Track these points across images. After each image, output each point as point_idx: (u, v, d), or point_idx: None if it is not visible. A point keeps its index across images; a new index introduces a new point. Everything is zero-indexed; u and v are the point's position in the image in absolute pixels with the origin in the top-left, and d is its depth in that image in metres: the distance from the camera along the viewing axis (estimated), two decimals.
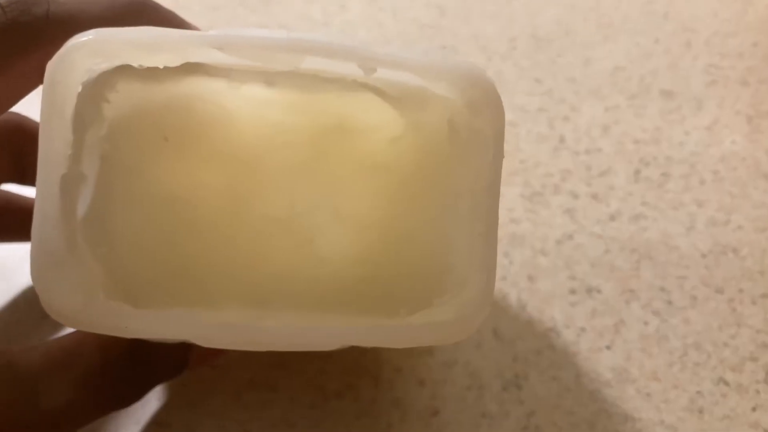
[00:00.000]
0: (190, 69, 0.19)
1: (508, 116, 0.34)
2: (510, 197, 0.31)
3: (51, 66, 0.17)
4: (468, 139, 0.20)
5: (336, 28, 0.40)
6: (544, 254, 0.29)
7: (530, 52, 0.39)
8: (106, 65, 0.18)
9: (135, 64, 0.18)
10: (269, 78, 0.20)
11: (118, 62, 0.18)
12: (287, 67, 0.19)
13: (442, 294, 0.19)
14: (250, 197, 0.21)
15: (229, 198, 0.21)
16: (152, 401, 0.25)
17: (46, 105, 0.17)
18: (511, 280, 0.28)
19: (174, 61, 0.19)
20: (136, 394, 0.22)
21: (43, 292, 0.17)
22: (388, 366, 0.26)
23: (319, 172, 0.21)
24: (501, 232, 0.29)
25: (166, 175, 0.21)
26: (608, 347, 0.26)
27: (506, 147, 0.33)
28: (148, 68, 0.19)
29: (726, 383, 0.26)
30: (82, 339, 0.20)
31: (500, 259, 0.29)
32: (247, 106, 0.21)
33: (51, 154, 0.17)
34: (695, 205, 0.31)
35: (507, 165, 0.32)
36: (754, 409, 0.25)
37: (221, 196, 0.21)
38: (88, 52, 0.18)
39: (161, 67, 0.19)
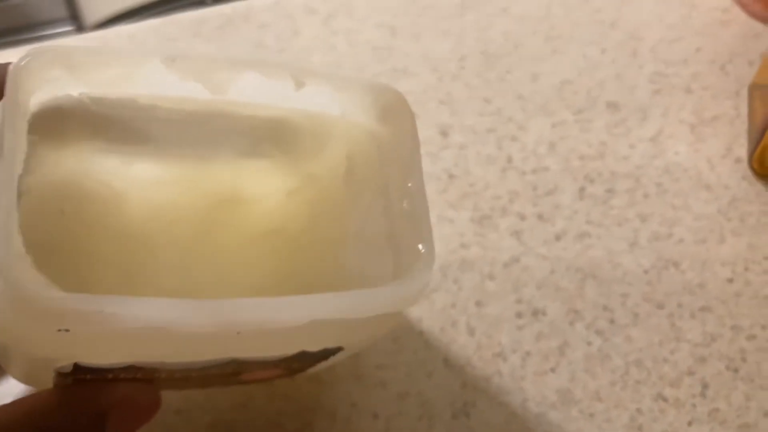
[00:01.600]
0: (91, 141, 0.20)
1: (459, 138, 0.36)
2: (460, 222, 0.32)
3: (12, 74, 0.18)
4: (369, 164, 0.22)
5: (291, 54, 0.41)
6: (492, 278, 0.31)
7: (480, 69, 0.40)
8: (62, 76, 0.19)
9: (76, 93, 0.20)
10: (160, 150, 0.21)
11: (74, 74, 0.19)
12: (219, 93, 0.21)
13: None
14: (145, 272, 0.22)
15: (125, 273, 0.22)
16: None
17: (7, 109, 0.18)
18: (461, 306, 0.30)
19: (122, 82, 0.20)
20: None
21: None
22: (345, 401, 0.27)
23: (210, 245, 0.22)
24: (451, 259, 0.31)
25: (65, 248, 0.21)
26: (553, 370, 0.28)
27: (457, 171, 0.34)
28: (59, 134, 0.20)
29: (664, 399, 0.27)
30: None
31: (449, 286, 0.30)
32: (135, 187, 0.22)
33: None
34: (639, 219, 0.33)
35: (457, 189, 0.34)
36: (690, 424, 0.26)
37: (116, 272, 0.22)
38: (46, 62, 0.19)
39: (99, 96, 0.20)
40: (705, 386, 0.27)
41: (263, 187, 0.23)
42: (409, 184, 0.21)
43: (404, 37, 0.42)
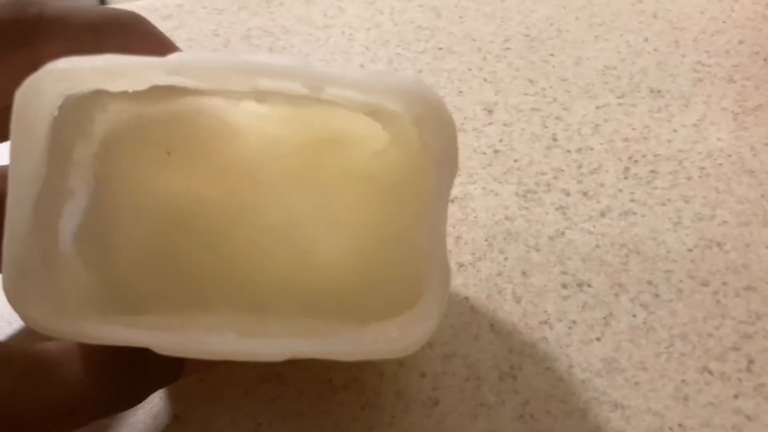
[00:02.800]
0: (184, 90, 0.20)
1: (504, 116, 0.36)
2: (505, 195, 0.33)
3: (19, 93, 0.18)
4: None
5: (336, 30, 0.41)
6: (537, 250, 0.31)
7: (523, 52, 0.40)
8: (76, 90, 0.19)
9: (108, 89, 0.19)
10: (259, 96, 0.21)
11: (86, 88, 0.19)
12: (244, 87, 0.20)
13: (414, 305, 0.20)
14: (249, 208, 0.22)
15: (228, 210, 0.22)
16: (169, 396, 0.26)
17: (16, 129, 0.18)
18: (507, 275, 0.30)
19: (138, 86, 0.19)
20: (132, 398, 0.22)
21: (13, 302, 0.18)
22: (392, 360, 0.27)
23: (313, 182, 0.22)
24: (496, 230, 0.31)
25: (167, 189, 0.22)
26: (598, 339, 0.28)
27: (501, 147, 0.35)
28: (139, 91, 0.20)
29: (710, 372, 0.27)
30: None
31: (495, 256, 0.30)
32: (246, 120, 0.22)
33: (21, 174, 0.18)
34: (682, 201, 0.33)
35: (502, 164, 0.34)
36: (736, 397, 0.26)
37: (221, 208, 0.22)
38: (55, 79, 0.18)
39: (131, 91, 0.19)
40: (751, 362, 0.27)
41: (357, 135, 0.22)
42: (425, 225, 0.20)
43: (448, 18, 0.42)
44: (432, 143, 0.19)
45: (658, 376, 0.27)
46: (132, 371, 0.21)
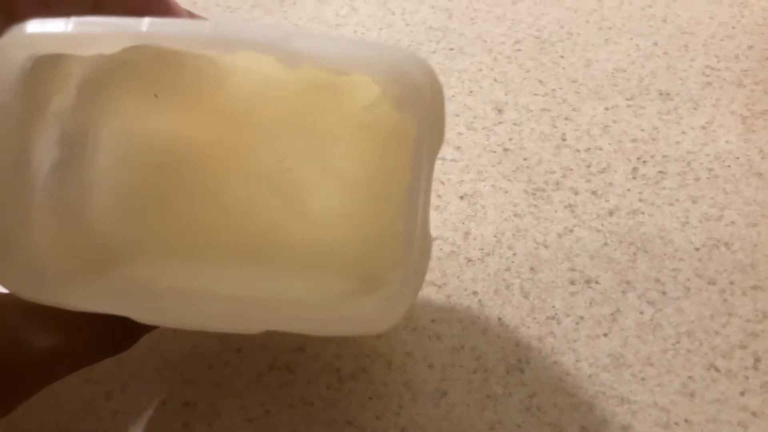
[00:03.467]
0: None
1: (514, 115, 0.36)
2: (514, 193, 0.33)
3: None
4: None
5: (348, 30, 0.42)
6: (546, 246, 0.31)
7: (534, 53, 0.40)
8: (46, 52, 0.18)
9: (78, 54, 0.18)
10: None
11: (56, 51, 0.18)
12: (222, 54, 0.19)
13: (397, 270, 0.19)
14: (240, 152, 0.21)
15: (219, 154, 0.21)
16: (178, 382, 0.26)
17: None
18: (515, 270, 0.30)
19: (111, 50, 0.18)
20: (125, 340, 0.22)
21: None
22: (400, 350, 0.27)
23: (307, 127, 0.21)
24: (505, 226, 0.31)
25: (153, 134, 0.21)
26: (606, 335, 0.28)
27: (511, 146, 0.35)
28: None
29: (716, 369, 0.27)
30: None
31: (504, 251, 0.31)
32: (237, 60, 0.21)
33: None
34: (690, 201, 0.33)
35: (511, 162, 0.34)
36: (742, 394, 0.26)
37: (210, 153, 0.21)
38: (21, 45, 0.17)
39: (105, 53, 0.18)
40: (757, 359, 0.27)
41: (352, 83, 0.21)
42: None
43: (459, 20, 0.42)
44: (412, 122, 0.18)
45: (665, 371, 0.27)
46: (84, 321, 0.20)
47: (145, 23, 0.17)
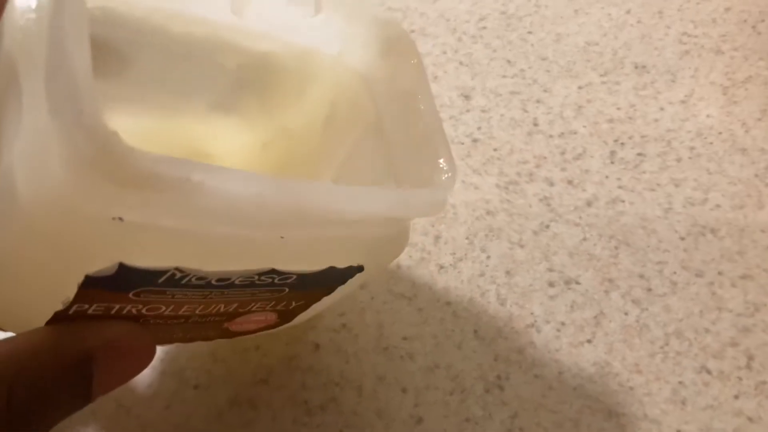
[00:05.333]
0: None
1: (482, 101, 0.34)
2: (485, 188, 0.31)
3: None
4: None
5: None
6: (521, 246, 0.29)
7: (500, 31, 0.38)
8: None
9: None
10: (137, 92, 0.21)
11: None
12: (237, 13, 0.21)
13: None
14: None
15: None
16: (134, 427, 0.24)
17: None
18: (490, 275, 0.28)
19: None
20: (79, 400, 0.19)
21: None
22: (371, 374, 0.25)
23: None
24: (477, 226, 0.29)
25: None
26: (589, 341, 0.26)
27: (480, 135, 0.33)
28: None
29: (708, 371, 0.26)
30: None
31: (477, 255, 0.29)
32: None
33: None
34: (672, 184, 0.31)
35: (481, 154, 0.32)
36: (736, 397, 0.25)
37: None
38: None
39: None
40: (750, 358, 0.26)
41: (234, 142, 0.22)
42: (422, 106, 0.21)
43: None
44: (400, 61, 0.22)
45: (654, 378, 0.25)
46: (36, 400, 0.18)
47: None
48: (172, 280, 0.18)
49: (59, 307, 0.18)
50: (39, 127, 0.16)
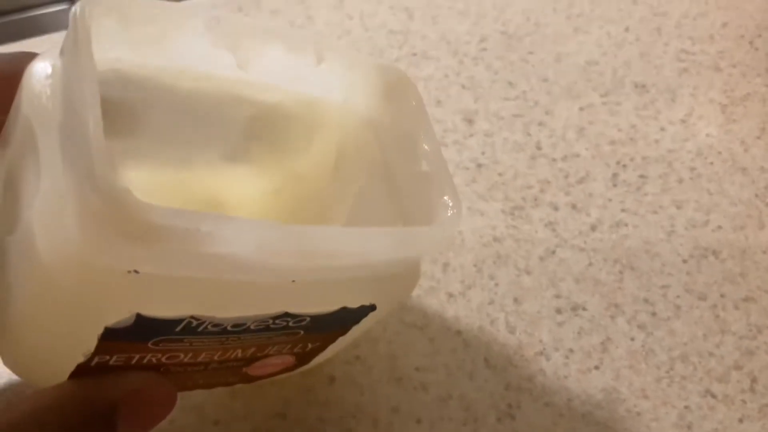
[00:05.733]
0: None
1: (485, 125, 0.35)
2: (491, 214, 0.32)
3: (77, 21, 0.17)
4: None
5: None
6: (528, 273, 0.30)
7: (501, 51, 0.39)
8: None
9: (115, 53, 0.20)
10: (150, 147, 0.22)
11: (122, 25, 0.19)
12: (243, 67, 0.21)
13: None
14: None
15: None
16: None
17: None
18: (498, 303, 0.29)
19: (161, 40, 0.20)
20: None
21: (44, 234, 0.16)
22: (386, 406, 0.26)
23: None
24: (485, 253, 0.30)
25: None
26: (597, 367, 0.27)
27: (485, 160, 0.33)
28: None
29: (713, 395, 0.26)
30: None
31: (485, 282, 0.29)
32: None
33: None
34: (674, 207, 0.32)
35: (486, 179, 0.33)
36: (741, 421, 0.26)
37: None
38: (104, 10, 0.19)
39: None
40: (754, 380, 0.27)
41: (247, 190, 0.23)
42: (425, 146, 0.22)
43: (421, 19, 0.40)
44: (403, 105, 0.23)
45: (660, 403, 0.26)
46: None
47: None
48: (189, 328, 0.19)
49: (81, 359, 0.19)
50: (55, 187, 0.17)
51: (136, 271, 0.16)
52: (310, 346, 0.23)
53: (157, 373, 0.20)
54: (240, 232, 0.16)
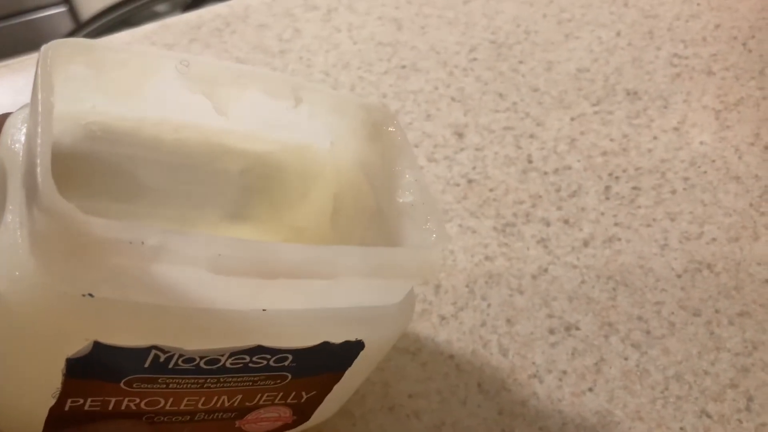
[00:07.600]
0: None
1: (475, 139, 0.34)
2: (483, 231, 0.31)
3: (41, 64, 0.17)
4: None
5: (293, 56, 0.39)
6: (521, 292, 0.29)
7: (491, 61, 0.38)
8: None
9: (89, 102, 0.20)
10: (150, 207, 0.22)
11: (92, 71, 0.19)
12: (222, 113, 0.21)
13: None
14: None
15: None
16: None
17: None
18: (491, 324, 0.29)
19: (134, 89, 0.20)
20: None
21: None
22: None
23: None
24: (477, 273, 0.29)
25: None
26: (591, 389, 0.27)
27: (475, 175, 0.33)
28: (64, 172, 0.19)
29: (708, 416, 0.26)
30: None
31: (478, 303, 0.29)
32: None
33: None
34: (668, 219, 0.31)
35: (477, 195, 0.32)
36: None
37: None
38: (68, 55, 0.19)
39: None
40: (750, 399, 0.26)
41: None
42: (408, 177, 0.21)
43: (409, 30, 0.40)
44: (387, 142, 0.22)
45: (656, 425, 0.26)
46: None
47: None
48: (158, 364, 0.18)
49: (52, 401, 0.19)
50: (15, 220, 0.17)
51: (90, 295, 0.16)
52: (304, 395, 0.22)
53: (139, 422, 0.20)
54: (190, 246, 0.16)
